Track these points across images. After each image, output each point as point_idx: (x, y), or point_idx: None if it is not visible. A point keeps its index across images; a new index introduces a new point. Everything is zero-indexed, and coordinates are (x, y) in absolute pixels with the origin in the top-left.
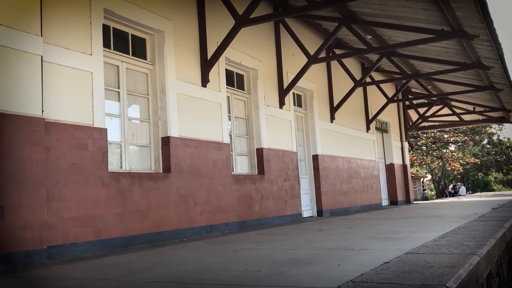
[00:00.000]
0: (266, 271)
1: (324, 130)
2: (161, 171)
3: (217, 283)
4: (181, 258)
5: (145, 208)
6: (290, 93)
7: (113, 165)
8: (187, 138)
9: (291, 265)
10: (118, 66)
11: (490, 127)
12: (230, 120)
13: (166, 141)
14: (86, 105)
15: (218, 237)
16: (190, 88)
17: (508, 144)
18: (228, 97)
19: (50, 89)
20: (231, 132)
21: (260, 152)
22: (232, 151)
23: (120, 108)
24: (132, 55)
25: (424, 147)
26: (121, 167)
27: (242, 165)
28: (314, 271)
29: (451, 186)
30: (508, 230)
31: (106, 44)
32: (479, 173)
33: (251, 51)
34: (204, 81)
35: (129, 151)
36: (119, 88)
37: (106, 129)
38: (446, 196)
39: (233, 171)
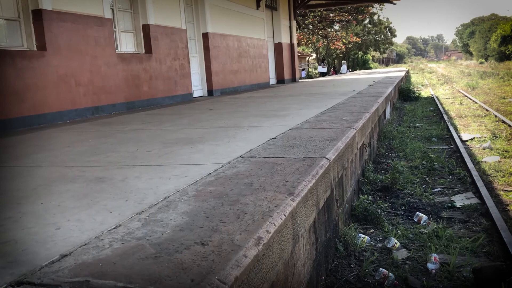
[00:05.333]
0: (157, 150)
1: (215, 7)
2: (35, 49)
3: (106, 165)
4: (65, 141)
5: (21, 89)
6: None
7: None
8: (63, 11)
9: (182, 144)
10: None
11: (372, 7)
12: None
13: (38, 15)
14: None
15: (105, 118)
16: None
17: (386, 23)
18: None
19: None
20: (113, 6)
21: (146, 29)
22: (115, 28)
23: None
24: None
25: (311, 26)
26: None
27: (127, 43)
28: (205, 149)
29: (319, 67)
30: (381, 105)
31: None
32: (359, 52)
33: None
34: None
35: None
36: None
37: None
38: (331, 75)
39: (117, 49)
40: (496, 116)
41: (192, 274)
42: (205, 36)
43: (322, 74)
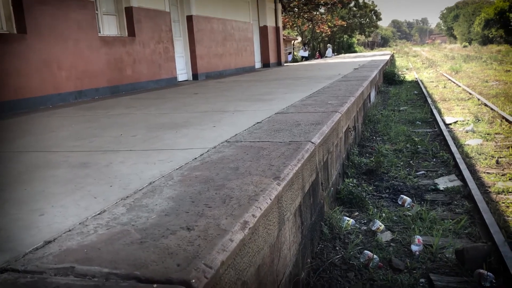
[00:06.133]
0: (142, 135)
1: None
2: (15, 32)
3: (90, 150)
4: (49, 126)
5: (2, 74)
6: None
7: None
8: None
9: (167, 128)
10: None
11: None
12: None
13: None
14: None
15: (89, 103)
16: None
17: (372, 7)
18: None
19: None
20: None
21: (129, 11)
22: (97, 10)
23: None
24: None
25: (296, 9)
26: None
27: (110, 26)
28: (190, 133)
29: (301, 51)
30: (366, 89)
31: None
32: (344, 36)
33: None
34: None
35: None
36: None
37: None
38: (316, 58)
39: (100, 32)
40: (479, 99)
41: (178, 259)
42: (189, 19)
43: (305, 58)
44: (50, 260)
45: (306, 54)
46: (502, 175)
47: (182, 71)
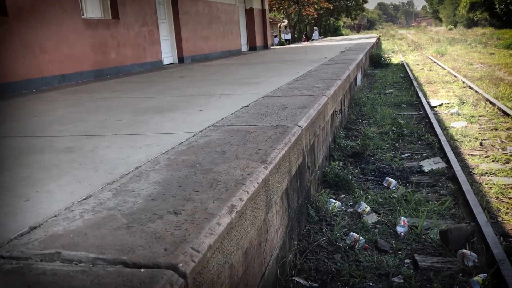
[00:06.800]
0: (128, 119)
1: None
2: None
3: (75, 134)
4: (33, 110)
5: None
6: None
7: None
8: None
9: (153, 112)
10: None
11: None
12: None
13: None
14: None
15: (73, 87)
16: None
17: None
18: None
19: None
20: None
21: None
22: None
23: None
24: None
25: None
26: None
27: (93, 9)
28: (176, 117)
29: (283, 34)
30: (352, 72)
31: None
32: (331, 18)
33: None
34: None
35: None
36: None
37: None
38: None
39: (83, 15)
40: (463, 82)
41: (166, 243)
42: (174, 1)
43: (287, 41)
44: (35, 246)
45: (289, 36)
46: (485, 157)
47: (168, 54)
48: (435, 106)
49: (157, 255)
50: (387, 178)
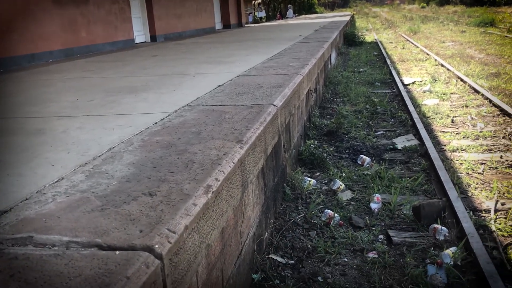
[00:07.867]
0: (100, 100)
1: None
2: None
3: (46, 116)
4: (2, 91)
5: None
6: None
7: None
8: None
9: (125, 93)
10: None
11: None
12: None
13: None
14: None
15: (43, 66)
16: None
17: None
18: None
19: None
20: None
21: None
22: None
23: None
24: None
25: None
26: None
27: None
28: (150, 97)
29: (258, 12)
30: (326, 50)
31: None
32: None
33: None
34: None
35: None
36: None
37: None
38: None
39: None
40: (436, 60)
41: (141, 225)
42: None
43: (262, 19)
44: (6, 230)
45: (263, 14)
46: (456, 133)
47: (140, 33)
48: (408, 84)
49: (132, 237)
50: (361, 155)
